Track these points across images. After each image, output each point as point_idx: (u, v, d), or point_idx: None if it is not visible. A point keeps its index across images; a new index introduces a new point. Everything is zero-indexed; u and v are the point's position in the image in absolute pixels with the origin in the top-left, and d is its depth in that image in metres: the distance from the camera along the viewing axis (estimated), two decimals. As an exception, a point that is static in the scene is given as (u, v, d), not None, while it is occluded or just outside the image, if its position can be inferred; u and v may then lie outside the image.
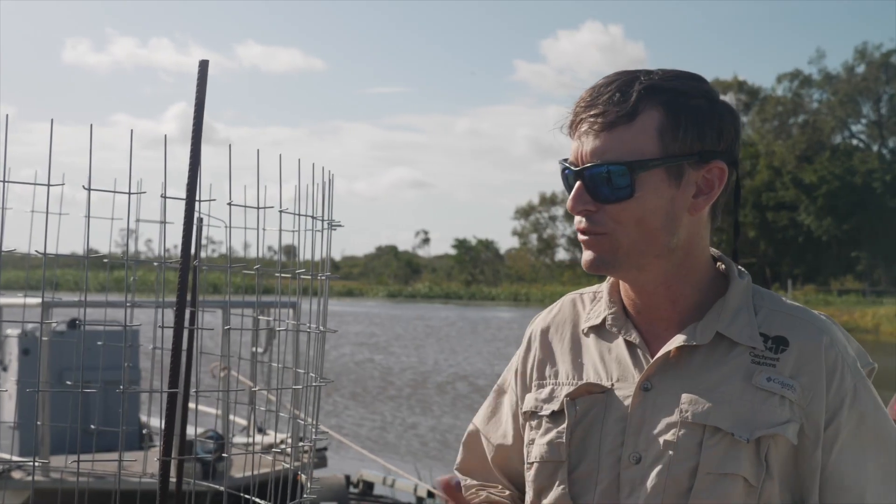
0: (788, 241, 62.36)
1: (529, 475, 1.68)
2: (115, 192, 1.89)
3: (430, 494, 9.39)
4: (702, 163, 1.56)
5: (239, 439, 8.40)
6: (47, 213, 1.89)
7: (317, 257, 2.13)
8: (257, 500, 2.14)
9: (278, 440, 7.24)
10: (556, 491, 1.63)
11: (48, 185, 1.79)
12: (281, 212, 1.92)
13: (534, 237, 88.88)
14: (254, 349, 7.91)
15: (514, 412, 1.80)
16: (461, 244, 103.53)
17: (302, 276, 2.14)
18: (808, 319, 1.60)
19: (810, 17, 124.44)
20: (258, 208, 1.88)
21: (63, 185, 1.80)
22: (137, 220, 2.64)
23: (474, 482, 1.88)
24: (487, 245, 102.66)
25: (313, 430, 2.11)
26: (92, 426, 2.71)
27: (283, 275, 2.15)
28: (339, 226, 2.18)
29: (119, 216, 2.64)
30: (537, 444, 1.67)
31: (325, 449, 9.31)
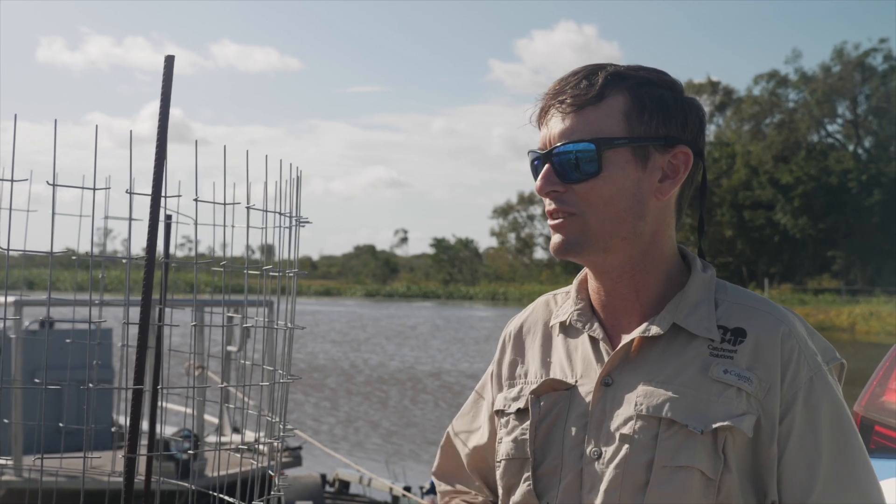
0: (765, 241, 62.64)
1: (498, 474, 1.69)
2: (82, 188, 1.88)
3: (409, 490, 9.39)
4: (667, 147, 1.59)
5: (212, 438, 8.37)
6: (11, 209, 1.88)
7: (289, 254, 2.13)
8: (225, 497, 2.13)
9: (248, 439, 7.21)
10: (522, 488, 1.63)
11: (12, 181, 1.78)
12: (248, 208, 1.92)
13: (512, 236, 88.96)
14: (229, 347, 7.88)
15: (489, 414, 1.81)
16: (439, 243, 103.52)
17: (271, 274, 2.14)
18: (768, 311, 1.61)
19: (787, 18, 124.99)
20: (225, 204, 1.88)
21: (27, 180, 1.79)
22: (105, 217, 2.63)
23: (449, 488, 1.89)
24: (466, 244, 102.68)
25: (280, 427, 2.10)
26: (60, 424, 2.69)
27: (250, 272, 2.15)
28: (308, 222, 2.18)
29: (92, 214, 2.63)
30: (504, 442, 1.68)
31: (299, 448, 9.29)
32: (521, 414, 1.67)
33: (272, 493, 2.07)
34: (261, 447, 2.23)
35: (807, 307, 47.89)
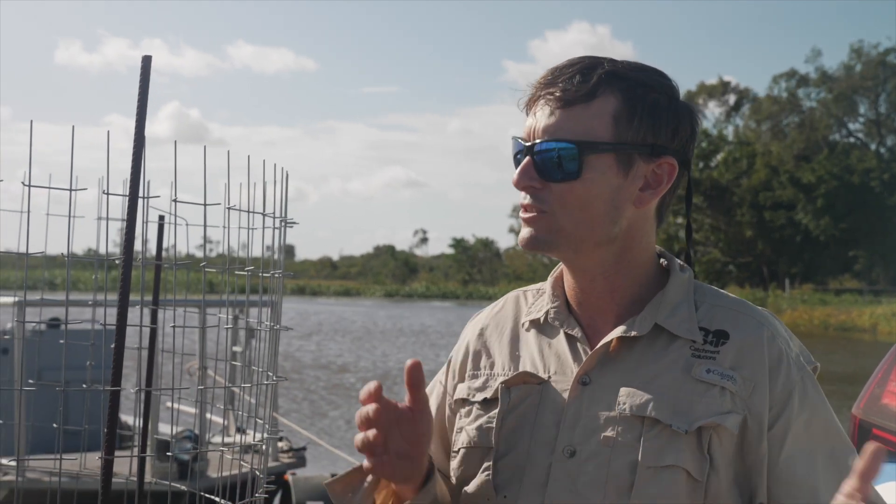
0: (786, 241, 62.27)
1: (454, 464, 1.65)
2: (51, 188, 1.87)
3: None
4: (653, 156, 1.55)
5: (216, 439, 8.37)
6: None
7: (270, 255, 2.12)
8: (210, 496, 2.13)
9: (243, 439, 7.20)
10: (480, 478, 1.59)
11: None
12: (228, 209, 1.91)
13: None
14: (235, 348, 7.89)
15: (438, 404, 1.76)
16: (459, 243, 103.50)
17: (260, 274, 2.13)
18: (749, 313, 1.59)
19: (802, 17, 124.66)
20: (205, 205, 1.87)
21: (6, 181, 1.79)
22: (98, 219, 2.63)
23: None
24: (486, 244, 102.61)
25: (265, 426, 2.10)
26: (54, 425, 2.69)
27: (239, 273, 2.14)
28: (294, 223, 2.17)
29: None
30: (465, 431, 1.64)
31: (303, 448, 9.29)
32: (487, 403, 1.63)
33: (256, 494, 2.06)
34: (260, 447, 2.22)
35: (828, 307, 47.58)
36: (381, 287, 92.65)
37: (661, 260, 1.67)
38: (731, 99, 69.66)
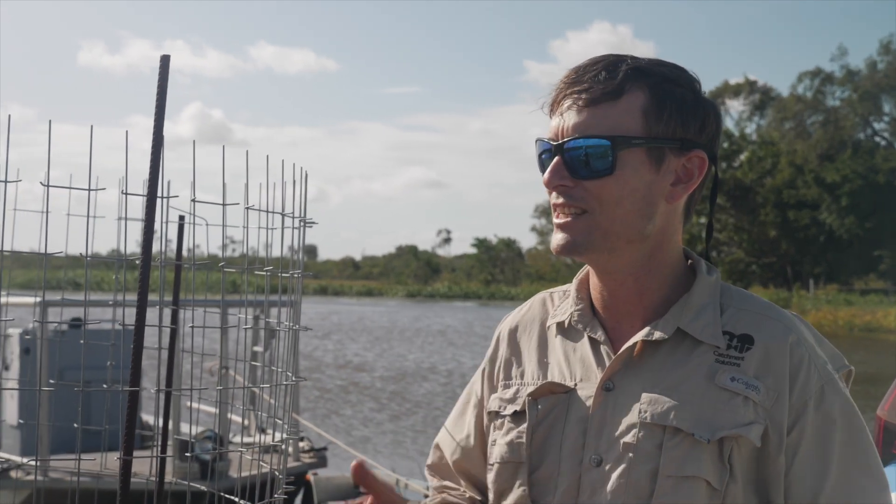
0: (810, 240, 61.84)
1: (490, 477, 1.65)
2: (71, 188, 1.87)
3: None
4: (683, 150, 1.53)
5: (236, 439, 8.40)
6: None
7: (291, 255, 2.11)
8: (229, 496, 2.11)
9: (262, 439, 7.19)
10: (516, 493, 1.59)
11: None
12: (247, 209, 1.90)
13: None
14: (256, 348, 7.90)
15: (478, 413, 1.76)
16: (481, 243, 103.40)
17: (279, 274, 2.11)
18: (776, 318, 1.55)
19: (823, 17, 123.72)
20: (224, 205, 1.86)
21: (19, 181, 1.78)
22: (118, 219, 2.62)
23: (438, 483, 1.85)
24: (509, 244, 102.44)
25: (284, 426, 2.08)
26: (75, 425, 2.70)
27: (258, 272, 2.13)
28: (313, 223, 2.16)
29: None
30: (498, 445, 1.64)
31: (324, 449, 9.30)
32: (517, 417, 1.62)
33: (275, 495, 2.05)
34: (280, 447, 2.21)
35: (853, 308, 47.24)
36: (403, 287, 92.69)
37: (689, 261, 1.64)
38: (756, 98, 69.27)
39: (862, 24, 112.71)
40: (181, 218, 2.71)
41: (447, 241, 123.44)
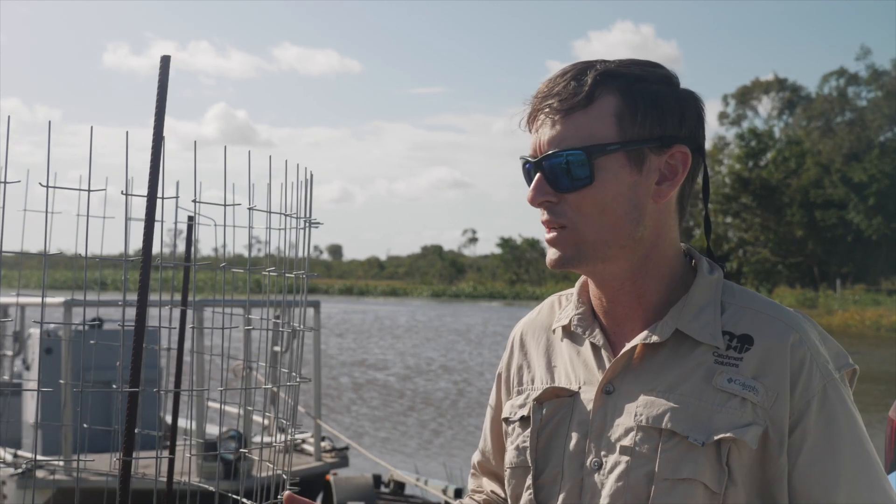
0: (837, 240, 61.39)
1: (506, 483, 1.66)
2: (79, 189, 1.88)
3: (458, 494, 9.35)
4: (663, 148, 1.52)
5: (257, 438, 8.41)
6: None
7: (296, 255, 2.11)
8: (235, 495, 2.12)
9: (276, 439, 7.25)
10: (525, 497, 1.59)
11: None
12: (250, 209, 1.90)
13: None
14: (275, 348, 7.91)
15: (493, 418, 1.78)
16: (506, 243, 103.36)
17: (284, 275, 2.12)
18: (778, 316, 1.52)
19: (849, 15, 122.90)
20: (224, 206, 1.86)
21: (18, 181, 1.79)
22: (128, 219, 2.63)
23: (475, 484, 1.87)
24: (533, 244, 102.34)
25: (291, 426, 2.09)
26: (85, 425, 2.71)
27: (263, 273, 2.13)
28: (319, 224, 2.16)
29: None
30: (509, 451, 1.65)
31: (346, 448, 9.31)
32: (524, 421, 1.63)
33: (281, 493, 2.05)
34: (291, 446, 2.22)
35: (881, 308, 46.88)
36: (428, 287, 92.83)
37: (692, 260, 1.63)
38: (786, 95, 68.89)
39: (882, 24, 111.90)
40: (189, 219, 2.72)
41: (473, 240, 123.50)
